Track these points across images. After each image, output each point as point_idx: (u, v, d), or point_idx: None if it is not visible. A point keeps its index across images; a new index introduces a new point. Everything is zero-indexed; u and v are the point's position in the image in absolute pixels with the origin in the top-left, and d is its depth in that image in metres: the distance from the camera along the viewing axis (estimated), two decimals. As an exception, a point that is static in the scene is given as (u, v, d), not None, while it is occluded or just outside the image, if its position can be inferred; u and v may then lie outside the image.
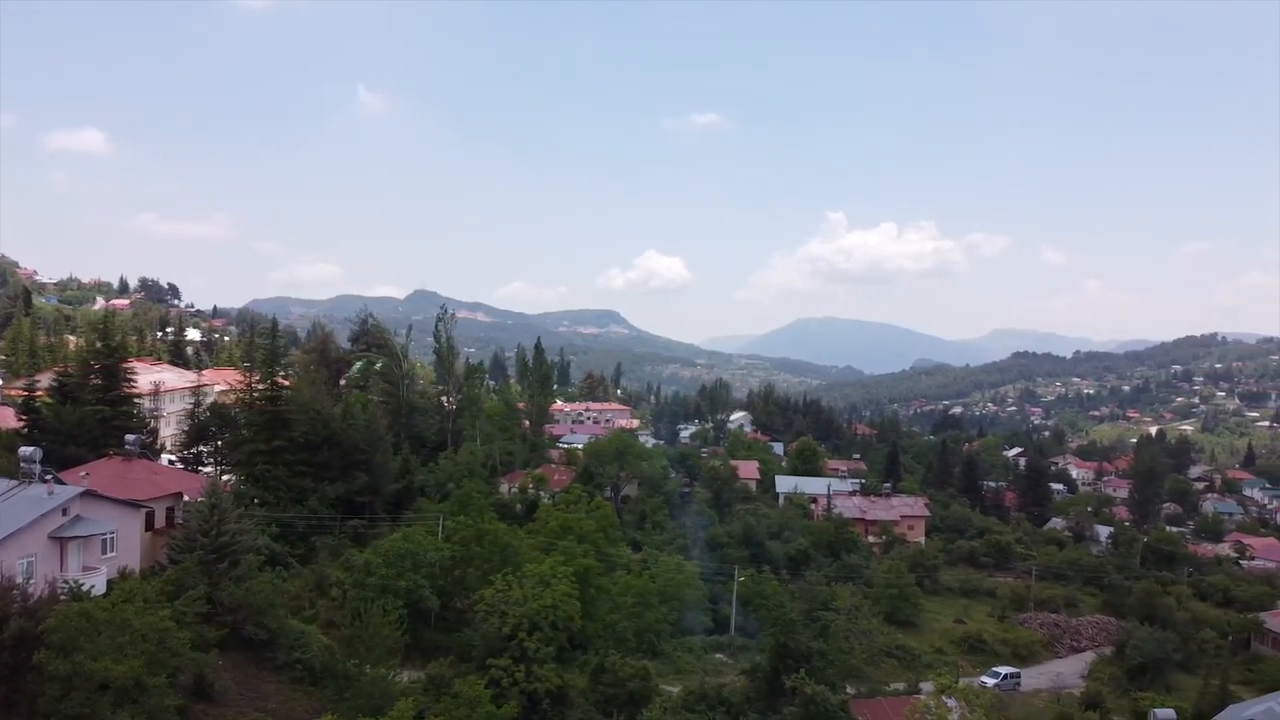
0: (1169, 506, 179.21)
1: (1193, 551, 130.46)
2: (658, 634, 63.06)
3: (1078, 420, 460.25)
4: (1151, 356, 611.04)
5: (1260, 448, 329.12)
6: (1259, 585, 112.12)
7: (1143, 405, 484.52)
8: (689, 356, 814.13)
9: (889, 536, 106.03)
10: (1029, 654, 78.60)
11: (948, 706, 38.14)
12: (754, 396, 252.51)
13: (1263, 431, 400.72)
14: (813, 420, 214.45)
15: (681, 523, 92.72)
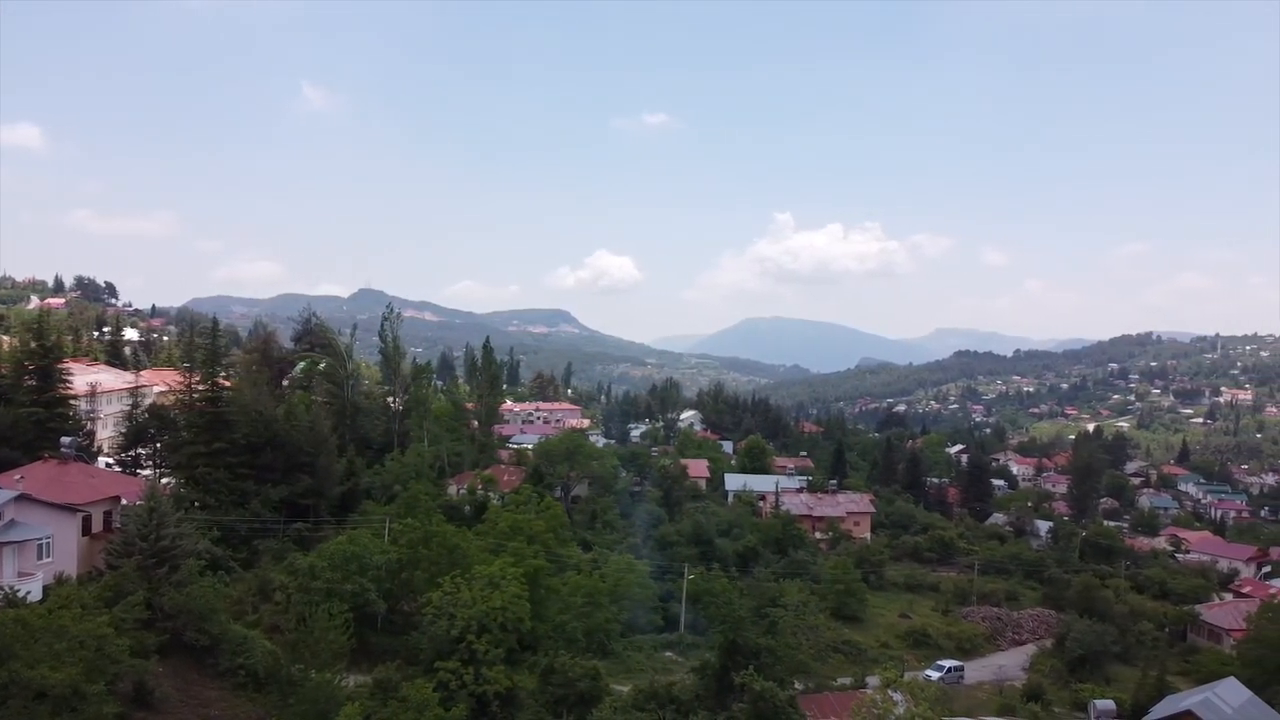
0: (1106, 501, 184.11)
1: (1130, 545, 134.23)
2: (608, 633, 63.07)
3: (1018, 417, 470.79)
4: (1089, 355, 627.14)
5: (1194, 444, 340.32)
6: (1194, 578, 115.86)
7: (1081, 403, 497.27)
8: (639, 356, 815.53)
9: (835, 533, 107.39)
10: (972, 647, 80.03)
11: (893, 700, 38.69)
12: (704, 395, 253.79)
13: (1196, 428, 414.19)
14: (761, 419, 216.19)
15: (632, 522, 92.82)
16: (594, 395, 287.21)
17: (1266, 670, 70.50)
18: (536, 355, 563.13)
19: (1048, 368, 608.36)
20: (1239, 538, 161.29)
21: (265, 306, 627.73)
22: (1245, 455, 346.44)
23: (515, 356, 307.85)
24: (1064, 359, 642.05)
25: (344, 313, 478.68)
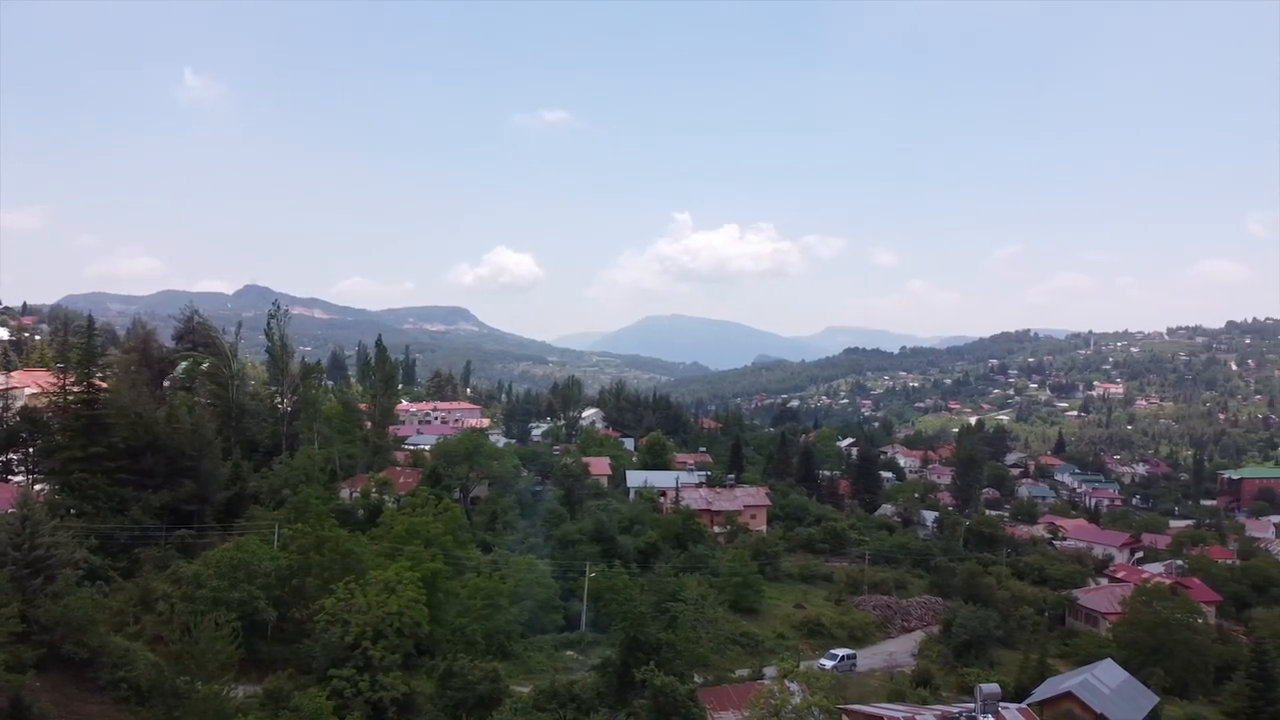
0: (988, 491, 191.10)
1: (1010, 533, 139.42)
2: (508, 635, 62.63)
3: (905, 412, 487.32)
4: (971, 352, 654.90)
5: (1069, 436, 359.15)
6: (1071, 564, 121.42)
7: (963, 397, 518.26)
8: (541, 354, 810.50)
9: (733, 526, 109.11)
10: (864, 635, 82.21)
11: (790, 690, 39.65)
12: (605, 393, 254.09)
13: (1071, 421, 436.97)
14: (662, 415, 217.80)
15: (533, 521, 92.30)
16: (494, 394, 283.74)
17: (1140, 651, 75.09)
18: (434, 354, 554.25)
19: (932, 364, 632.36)
20: (1112, 525, 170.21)
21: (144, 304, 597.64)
22: (1117, 446, 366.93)
23: (411, 355, 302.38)
24: (947, 355, 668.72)
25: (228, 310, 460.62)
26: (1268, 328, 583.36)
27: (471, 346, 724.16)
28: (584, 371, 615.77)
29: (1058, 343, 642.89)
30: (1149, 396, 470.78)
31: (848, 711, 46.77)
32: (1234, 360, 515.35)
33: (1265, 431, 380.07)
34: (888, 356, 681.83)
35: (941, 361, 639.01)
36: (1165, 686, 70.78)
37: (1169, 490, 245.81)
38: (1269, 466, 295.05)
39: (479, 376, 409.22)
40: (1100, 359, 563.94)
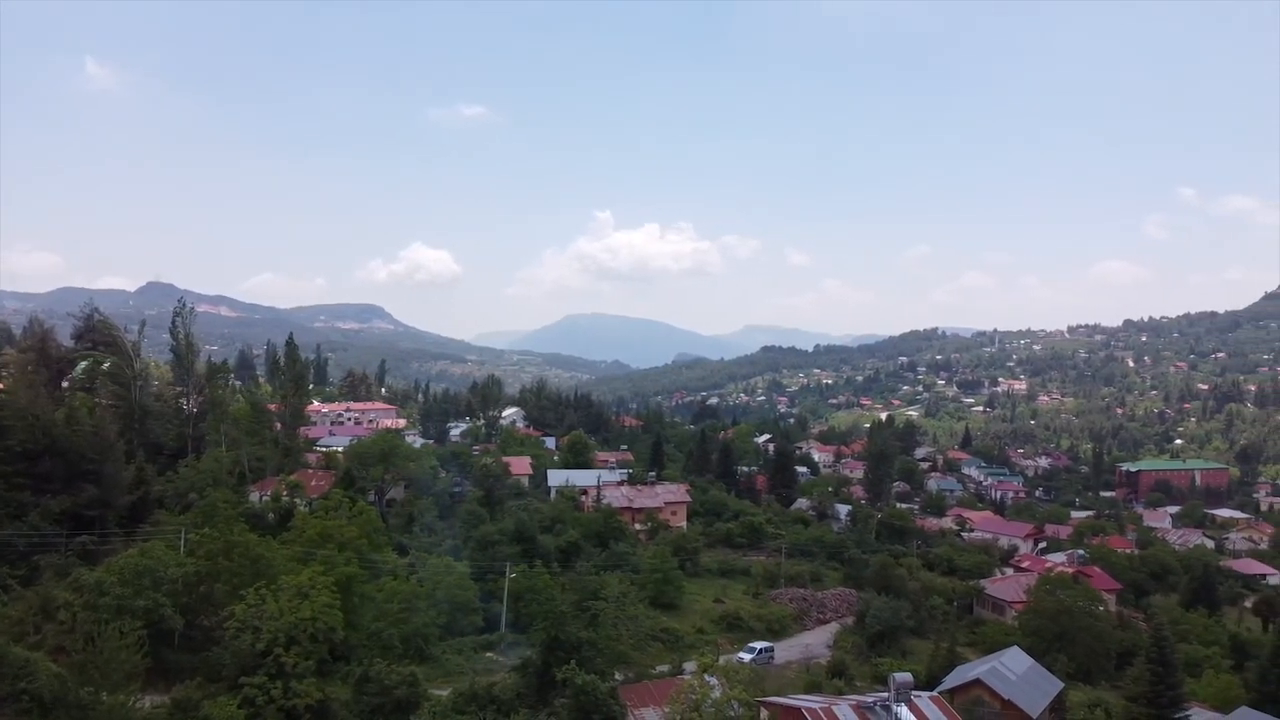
0: (899, 485, 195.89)
1: (920, 526, 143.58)
2: (426, 638, 61.75)
3: (819, 408, 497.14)
4: (882, 349, 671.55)
5: (976, 431, 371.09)
6: (978, 555, 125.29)
7: (874, 394, 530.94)
8: (459, 353, 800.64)
9: (654, 523, 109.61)
10: (781, 628, 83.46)
11: (710, 684, 40.02)
12: (526, 392, 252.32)
13: (977, 416, 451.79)
14: (583, 414, 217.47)
15: (451, 523, 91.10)
16: (410, 394, 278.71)
17: (1045, 639, 78.03)
18: (347, 353, 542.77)
19: (845, 361, 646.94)
20: (1017, 516, 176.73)
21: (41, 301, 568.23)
22: (1021, 440, 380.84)
23: (323, 354, 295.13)
24: (859, 353, 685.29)
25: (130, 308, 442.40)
26: (1163, 326, 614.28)
27: (386, 345, 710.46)
28: (504, 370, 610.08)
29: (964, 341, 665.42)
30: (1051, 392, 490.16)
31: (766, 704, 47.48)
32: (1131, 357, 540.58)
33: (1161, 426, 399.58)
34: (803, 354, 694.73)
35: (854, 359, 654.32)
36: (1069, 672, 73.73)
37: (1070, 482, 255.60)
38: (1164, 459, 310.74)
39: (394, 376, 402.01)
40: (1004, 356, 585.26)
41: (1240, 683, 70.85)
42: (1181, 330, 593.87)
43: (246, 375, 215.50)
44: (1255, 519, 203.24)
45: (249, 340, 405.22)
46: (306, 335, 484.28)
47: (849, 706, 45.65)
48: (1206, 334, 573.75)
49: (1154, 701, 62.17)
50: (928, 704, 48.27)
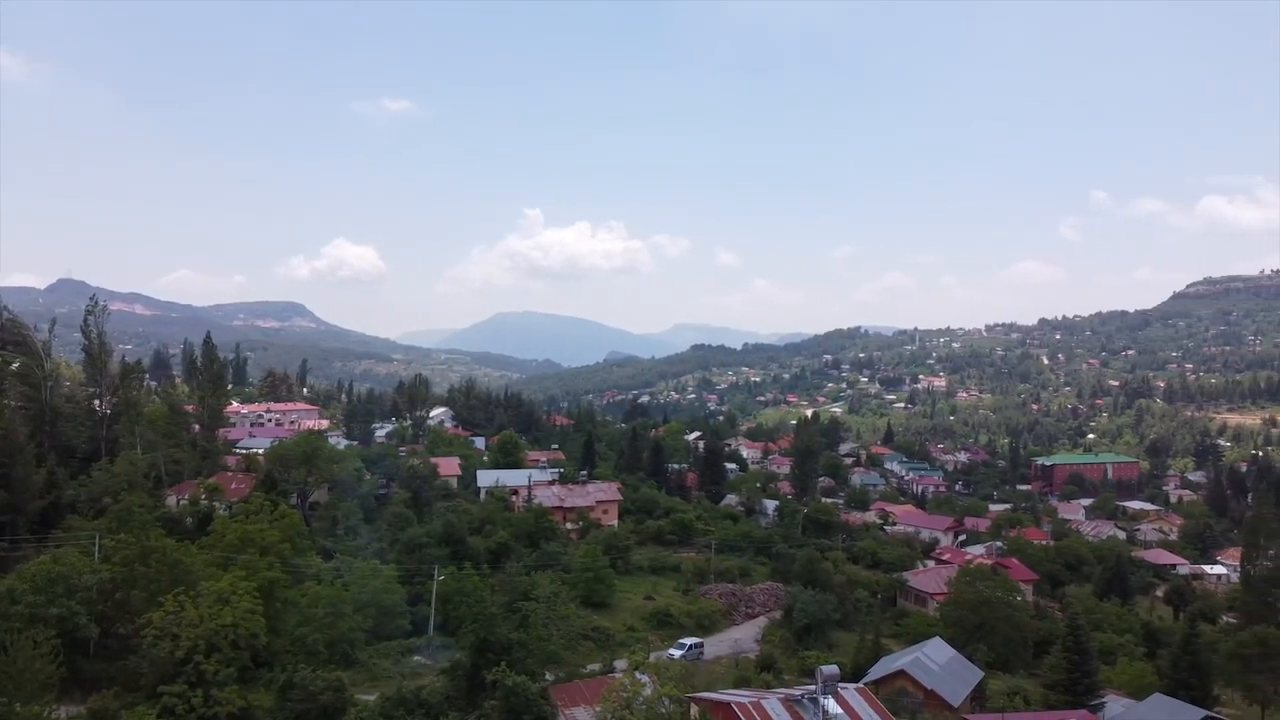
0: (824, 480, 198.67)
1: (845, 520, 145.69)
2: (352, 643, 60.60)
3: (747, 405, 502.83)
4: (807, 348, 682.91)
5: (897, 426, 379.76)
6: (901, 548, 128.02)
7: (800, 391, 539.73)
8: (384, 351, 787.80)
9: (586, 522, 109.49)
10: (711, 623, 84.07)
11: (641, 682, 40.12)
12: (455, 391, 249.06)
13: (899, 412, 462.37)
14: (514, 413, 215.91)
15: (378, 526, 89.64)
16: (334, 394, 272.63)
17: (966, 629, 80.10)
18: (267, 352, 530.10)
19: (772, 359, 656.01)
20: (938, 510, 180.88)
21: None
22: (940, 435, 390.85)
23: (242, 353, 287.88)
24: (786, 351, 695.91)
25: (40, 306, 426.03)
26: (1076, 324, 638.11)
27: (308, 344, 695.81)
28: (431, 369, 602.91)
29: (886, 339, 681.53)
30: (969, 389, 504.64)
31: (696, 700, 47.83)
32: (1045, 355, 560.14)
33: (1074, 421, 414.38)
34: (732, 353, 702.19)
35: (781, 357, 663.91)
36: (989, 661, 75.79)
37: (988, 476, 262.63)
38: (1078, 453, 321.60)
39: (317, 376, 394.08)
40: (925, 354, 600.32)
41: (1153, 670, 73.38)
42: (1094, 329, 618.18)
43: (162, 375, 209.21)
44: (1164, 511, 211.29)
45: (165, 339, 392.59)
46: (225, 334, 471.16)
47: (777, 700, 46.24)
48: (1117, 332, 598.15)
49: (1071, 689, 64.44)
50: (854, 696, 49.20)
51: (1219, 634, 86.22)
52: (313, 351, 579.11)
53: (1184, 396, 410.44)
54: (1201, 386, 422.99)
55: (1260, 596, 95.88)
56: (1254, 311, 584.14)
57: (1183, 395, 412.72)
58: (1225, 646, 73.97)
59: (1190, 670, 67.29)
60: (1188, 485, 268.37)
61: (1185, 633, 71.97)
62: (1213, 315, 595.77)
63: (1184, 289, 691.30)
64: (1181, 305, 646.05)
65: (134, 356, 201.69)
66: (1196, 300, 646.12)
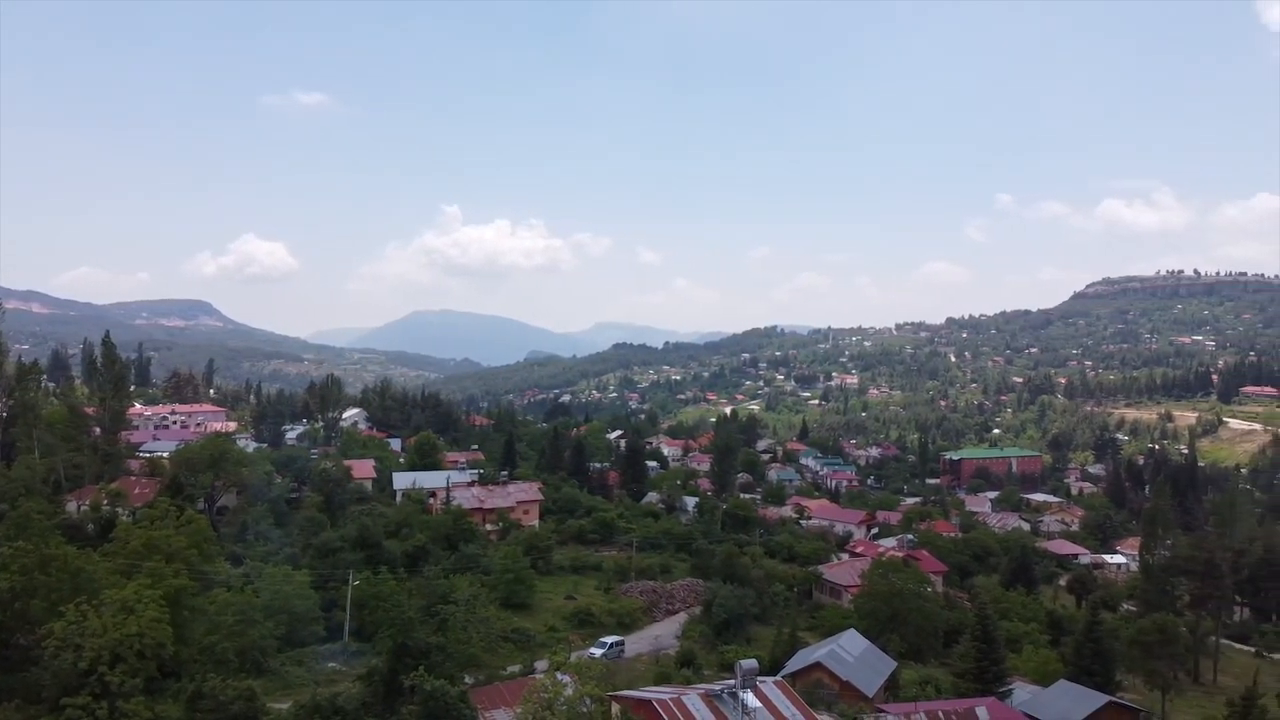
0: (742, 476, 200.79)
1: (763, 515, 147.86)
2: (263, 650, 59.03)
3: (668, 403, 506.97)
4: (726, 346, 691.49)
5: (812, 423, 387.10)
6: (816, 541, 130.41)
7: (719, 389, 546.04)
8: (295, 351, 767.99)
9: (506, 523, 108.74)
10: (632, 621, 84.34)
11: (562, 682, 40.12)
12: (369, 392, 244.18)
13: (814, 409, 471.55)
14: (431, 414, 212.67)
15: (289, 530, 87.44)
16: (242, 395, 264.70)
17: (879, 620, 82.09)
18: (171, 351, 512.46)
19: (693, 358, 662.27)
20: (851, 504, 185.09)
21: None
22: (853, 431, 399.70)
23: (146, 353, 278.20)
24: (706, 350, 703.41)
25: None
26: (981, 323, 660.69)
27: (215, 344, 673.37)
28: (345, 369, 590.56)
29: (801, 338, 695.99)
30: (880, 386, 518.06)
31: (617, 698, 48.05)
32: (953, 353, 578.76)
33: (980, 416, 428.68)
34: (653, 351, 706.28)
35: (701, 356, 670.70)
36: (902, 652, 77.89)
37: (899, 471, 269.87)
38: (984, 448, 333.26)
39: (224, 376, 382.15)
40: (838, 352, 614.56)
41: (1058, 657, 76.41)
42: (999, 327, 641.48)
43: (61, 377, 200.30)
44: (1066, 503, 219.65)
45: (63, 339, 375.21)
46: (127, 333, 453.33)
47: (698, 696, 46.79)
48: (1021, 331, 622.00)
49: (980, 677, 66.62)
50: (772, 689, 50.10)
51: (1120, 621, 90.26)
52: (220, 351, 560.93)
53: (1084, 392, 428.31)
54: (1100, 383, 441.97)
55: (1158, 585, 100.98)
56: (1150, 310, 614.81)
57: (1083, 391, 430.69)
58: (1126, 634, 77.62)
59: (1093, 657, 70.26)
60: (1088, 478, 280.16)
61: (1088, 621, 74.98)
62: (1111, 314, 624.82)
63: (1084, 289, 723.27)
64: (1082, 305, 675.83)
65: (31, 357, 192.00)
66: (1096, 300, 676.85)
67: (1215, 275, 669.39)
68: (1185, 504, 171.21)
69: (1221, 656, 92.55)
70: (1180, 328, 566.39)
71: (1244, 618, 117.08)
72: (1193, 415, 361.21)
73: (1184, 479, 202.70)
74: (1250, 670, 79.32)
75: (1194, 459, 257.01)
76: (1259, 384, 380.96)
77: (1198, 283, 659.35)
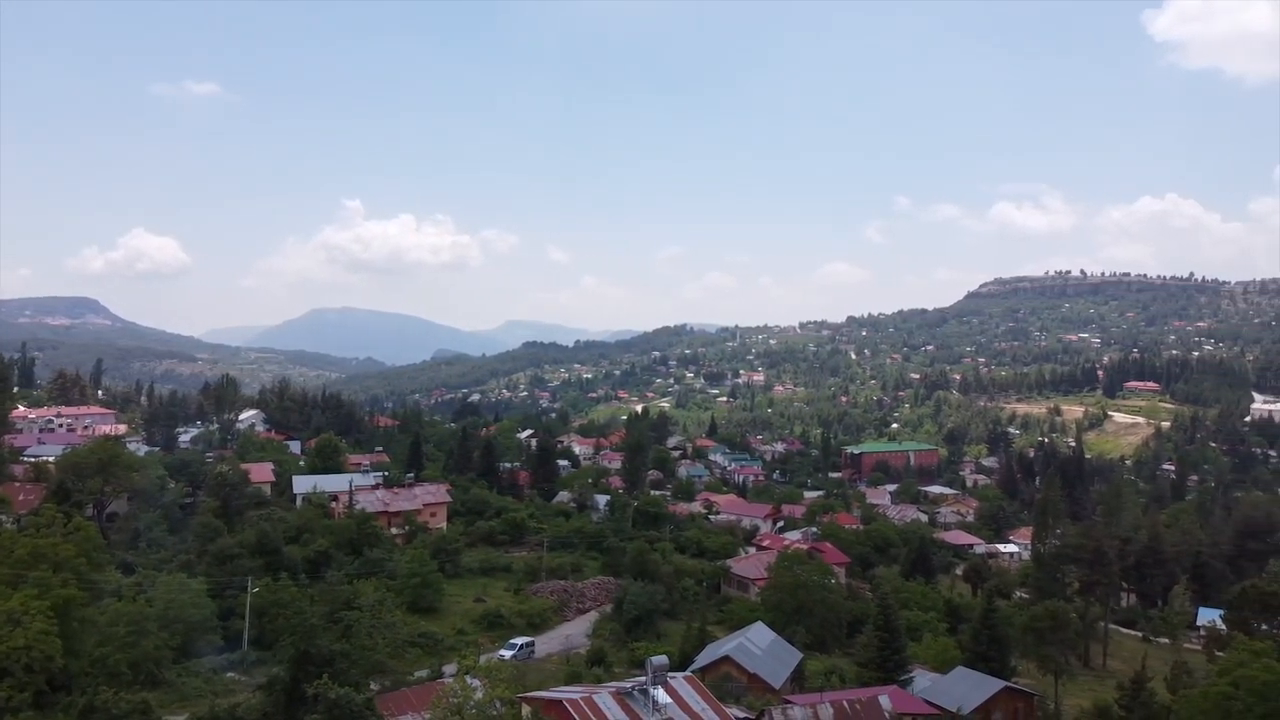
0: (653, 473, 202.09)
1: (673, 511, 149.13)
2: (158, 662, 56.92)
3: (579, 402, 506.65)
4: (637, 345, 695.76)
5: (720, 419, 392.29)
6: (724, 536, 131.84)
7: (630, 386, 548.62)
8: (189, 350, 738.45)
9: (413, 526, 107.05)
10: (542, 621, 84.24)
11: (471, 686, 39.78)
12: (267, 393, 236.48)
13: (722, 406, 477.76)
14: (333, 415, 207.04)
15: (184, 537, 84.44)
16: (132, 396, 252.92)
17: (785, 612, 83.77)
18: (57, 351, 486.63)
19: (604, 356, 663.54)
20: (758, 498, 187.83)
21: None
22: (760, 427, 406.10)
23: (29, 353, 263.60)
24: (617, 348, 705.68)
25: None
26: (880, 322, 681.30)
27: (103, 343, 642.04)
28: (241, 369, 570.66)
29: (710, 336, 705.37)
30: (785, 383, 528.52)
31: (528, 700, 47.90)
32: (854, 350, 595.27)
33: (879, 412, 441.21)
34: (564, 350, 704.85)
35: (612, 354, 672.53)
36: (807, 643, 79.69)
37: (803, 465, 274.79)
38: (883, 442, 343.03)
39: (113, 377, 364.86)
40: (745, 350, 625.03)
41: (956, 644, 78.97)
42: (896, 325, 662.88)
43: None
44: (962, 495, 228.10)
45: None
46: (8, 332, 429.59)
47: (609, 694, 47.00)
48: (918, 329, 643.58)
49: (882, 665, 68.76)
50: (682, 684, 50.64)
51: (1013, 609, 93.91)
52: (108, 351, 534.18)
53: (977, 388, 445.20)
54: (993, 379, 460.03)
55: (1050, 572, 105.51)
56: (1039, 309, 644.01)
57: (976, 387, 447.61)
58: (1020, 620, 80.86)
59: (989, 643, 73.11)
60: (982, 470, 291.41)
61: (983, 609, 77.94)
62: (1003, 313, 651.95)
63: (977, 289, 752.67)
64: (975, 304, 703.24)
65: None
66: (988, 299, 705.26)
67: (1101, 275, 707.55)
68: (1074, 495, 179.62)
69: (1110, 641, 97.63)
70: (1068, 326, 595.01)
71: (1130, 603, 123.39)
72: (1080, 409, 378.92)
73: (1072, 471, 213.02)
74: (1137, 654, 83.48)
75: (1081, 451, 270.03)
76: (1141, 379, 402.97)
77: (1084, 283, 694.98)
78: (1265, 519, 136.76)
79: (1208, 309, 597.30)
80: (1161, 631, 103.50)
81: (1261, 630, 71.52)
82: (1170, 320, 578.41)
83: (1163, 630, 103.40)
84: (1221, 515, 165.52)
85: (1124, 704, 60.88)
